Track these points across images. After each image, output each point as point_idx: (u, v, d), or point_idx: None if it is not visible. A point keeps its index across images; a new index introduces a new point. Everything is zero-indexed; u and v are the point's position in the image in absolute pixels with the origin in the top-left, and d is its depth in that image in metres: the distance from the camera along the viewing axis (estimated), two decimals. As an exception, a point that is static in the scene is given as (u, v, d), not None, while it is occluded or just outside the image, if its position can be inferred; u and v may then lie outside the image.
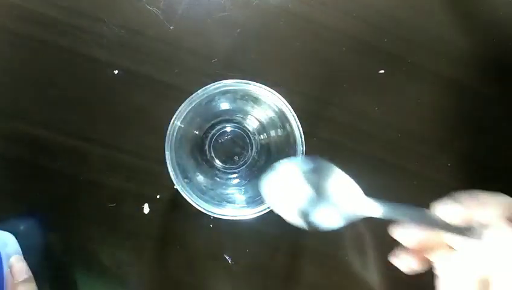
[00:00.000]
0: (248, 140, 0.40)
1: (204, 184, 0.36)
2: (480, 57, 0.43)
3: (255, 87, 0.32)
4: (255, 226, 0.39)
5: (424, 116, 0.42)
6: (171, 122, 0.32)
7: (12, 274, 0.34)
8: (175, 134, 0.32)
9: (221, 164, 0.40)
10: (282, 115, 0.33)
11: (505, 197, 0.26)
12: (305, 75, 0.42)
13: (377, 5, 0.42)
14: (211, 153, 0.40)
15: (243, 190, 0.37)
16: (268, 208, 0.32)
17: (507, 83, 0.43)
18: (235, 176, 0.39)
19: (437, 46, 0.43)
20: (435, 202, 0.27)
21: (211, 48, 0.41)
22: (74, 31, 0.40)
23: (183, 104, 0.32)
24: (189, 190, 0.32)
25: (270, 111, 0.35)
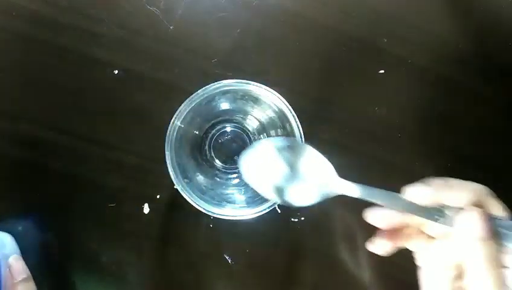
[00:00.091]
0: (248, 140, 0.40)
1: (204, 184, 0.36)
2: (480, 57, 0.43)
3: (255, 87, 0.32)
4: (255, 226, 0.39)
5: (424, 116, 0.42)
6: (171, 122, 0.32)
7: (11, 274, 0.34)
8: (175, 134, 0.32)
9: (221, 164, 0.40)
10: (282, 115, 0.33)
11: (474, 183, 0.27)
12: (305, 75, 0.42)
13: (377, 5, 0.42)
14: (211, 153, 0.40)
15: (243, 190, 0.37)
16: (269, 208, 0.32)
17: (507, 83, 0.43)
18: (235, 176, 0.39)
19: (437, 46, 0.43)
20: (406, 185, 0.27)
21: (211, 48, 0.41)
22: (74, 31, 0.40)
23: (183, 104, 0.32)
24: (189, 190, 0.32)
25: (270, 111, 0.35)
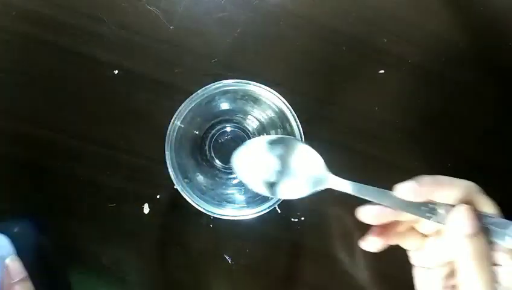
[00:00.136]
0: (248, 140, 0.40)
1: (204, 184, 0.36)
2: (480, 57, 0.43)
3: (255, 87, 0.32)
4: (255, 226, 0.39)
5: (424, 116, 0.42)
6: (171, 122, 0.32)
7: (8, 274, 0.34)
8: (175, 134, 0.32)
9: (221, 164, 0.40)
10: (282, 115, 0.33)
11: (464, 180, 0.27)
12: (305, 75, 0.42)
13: (377, 5, 0.42)
14: (211, 153, 0.40)
15: (243, 190, 0.37)
16: (269, 208, 0.32)
17: (507, 83, 0.43)
18: (235, 176, 0.39)
19: (437, 46, 0.43)
20: (397, 183, 0.27)
21: (211, 48, 0.41)
22: (74, 31, 0.40)
23: (183, 104, 0.32)
24: (189, 190, 0.32)
25: (270, 111, 0.35)
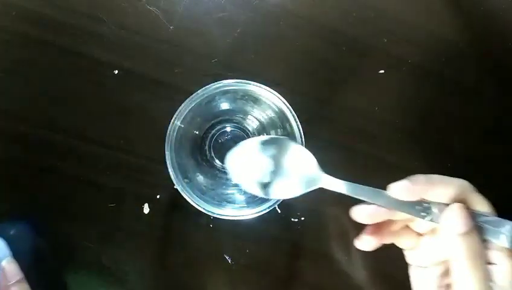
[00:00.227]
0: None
1: (205, 184, 0.36)
2: (480, 57, 0.43)
3: (255, 87, 0.32)
4: (255, 226, 0.39)
5: (424, 116, 0.42)
6: (171, 122, 0.32)
7: (4, 276, 0.35)
8: (175, 134, 0.32)
9: (221, 164, 0.40)
10: (282, 115, 0.33)
11: (458, 179, 0.27)
12: (305, 75, 0.42)
13: (376, 5, 0.42)
14: (211, 153, 0.40)
15: (243, 190, 0.37)
16: (269, 208, 0.32)
17: (507, 83, 0.43)
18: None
19: (437, 46, 0.43)
20: (390, 182, 0.27)
21: (211, 48, 0.41)
22: (74, 31, 0.40)
23: (183, 104, 0.32)
24: (189, 190, 0.32)
25: (270, 111, 0.35)
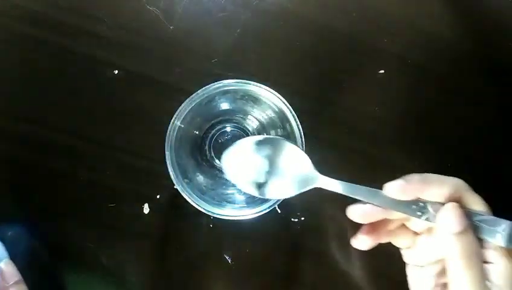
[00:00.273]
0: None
1: (204, 184, 0.36)
2: (480, 57, 0.43)
3: (255, 87, 0.32)
4: (255, 226, 0.39)
5: (424, 116, 0.42)
6: (171, 122, 0.32)
7: (3, 278, 0.35)
8: (175, 134, 0.32)
9: (221, 164, 0.40)
10: (282, 115, 0.33)
11: (453, 178, 0.27)
12: (305, 75, 0.42)
13: (377, 5, 0.42)
14: (211, 153, 0.40)
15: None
16: (269, 208, 0.32)
17: (507, 83, 0.43)
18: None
19: (437, 46, 0.43)
20: (386, 181, 0.27)
21: (211, 48, 0.41)
22: (74, 31, 0.40)
23: (183, 104, 0.32)
24: (189, 190, 0.32)
25: (270, 111, 0.35)
